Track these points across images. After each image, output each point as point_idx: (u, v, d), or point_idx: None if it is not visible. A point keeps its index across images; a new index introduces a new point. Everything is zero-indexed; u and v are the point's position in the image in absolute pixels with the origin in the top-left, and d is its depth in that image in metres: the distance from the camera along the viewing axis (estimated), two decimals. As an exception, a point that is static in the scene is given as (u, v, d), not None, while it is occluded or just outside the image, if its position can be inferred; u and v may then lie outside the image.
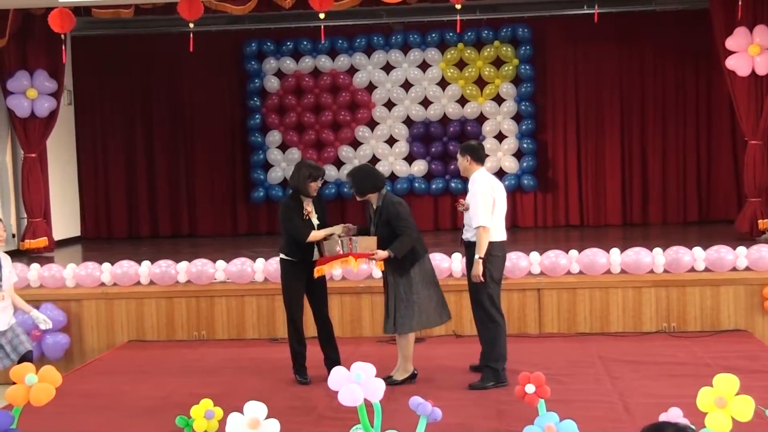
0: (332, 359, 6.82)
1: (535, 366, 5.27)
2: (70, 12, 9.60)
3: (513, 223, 13.08)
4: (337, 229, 6.64)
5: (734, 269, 8.42)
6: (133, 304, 8.70)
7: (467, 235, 6.55)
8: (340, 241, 6.46)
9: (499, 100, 12.94)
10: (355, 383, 4.20)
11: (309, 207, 6.75)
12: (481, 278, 6.39)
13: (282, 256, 6.89)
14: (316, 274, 6.68)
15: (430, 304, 6.57)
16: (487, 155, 7.31)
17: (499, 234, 6.51)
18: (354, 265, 6.54)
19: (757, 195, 10.46)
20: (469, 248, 6.55)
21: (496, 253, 6.48)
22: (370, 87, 13.15)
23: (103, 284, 8.94)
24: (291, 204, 6.75)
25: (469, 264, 6.55)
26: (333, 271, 7.46)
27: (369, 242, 6.43)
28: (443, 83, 13.00)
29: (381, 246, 6.42)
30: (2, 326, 6.67)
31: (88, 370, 7.74)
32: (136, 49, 13.17)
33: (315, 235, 6.64)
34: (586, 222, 12.94)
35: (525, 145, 12.85)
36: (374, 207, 6.59)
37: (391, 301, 6.55)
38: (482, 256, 6.36)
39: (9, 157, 11.62)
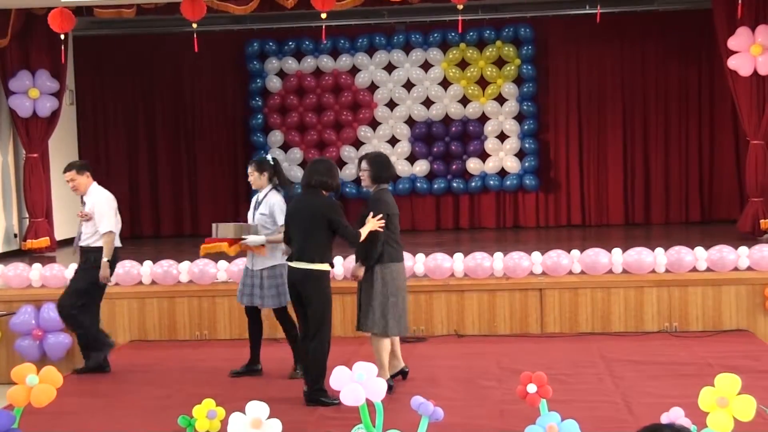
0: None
1: (537, 366, 5.27)
2: (70, 12, 9.59)
3: (515, 223, 13.11)
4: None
5: (736, 269, 8.41)
6: (135, 304, 8.70)
7: (87, 241, 7.27)
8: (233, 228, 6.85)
9: (501, 100, 12.93)
10: (357, 383, 4.21)
11: None
12: (109, 279, 7.36)
13: (323, 267, 6.13)
14: (201, 253, 7.05)
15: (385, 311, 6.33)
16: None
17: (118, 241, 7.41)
18: (228, 250, 6.89)
19: (759, 195, 10.46)
20: (85, 253, 7.30)
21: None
22: (372, 87, 13.14)
23: (105, 284, 8.92)
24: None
25: (85, 267, 7.27)
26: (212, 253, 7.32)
27: (228, 230, 6.86)
28: (445, 83, 12.99)
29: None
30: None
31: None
32: (138, 49, 13.17)
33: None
34: (588, 222, 12.93)
35: (527, 145, 12.84)
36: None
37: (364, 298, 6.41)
38: (109, 258, 7.23)
39: (11, 157, 11.62)
